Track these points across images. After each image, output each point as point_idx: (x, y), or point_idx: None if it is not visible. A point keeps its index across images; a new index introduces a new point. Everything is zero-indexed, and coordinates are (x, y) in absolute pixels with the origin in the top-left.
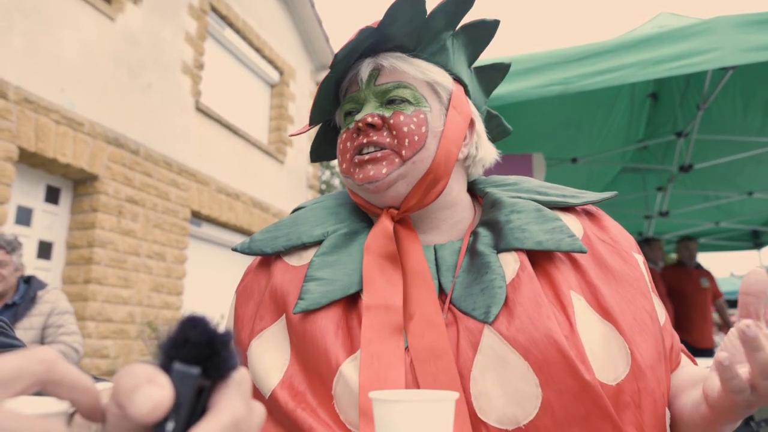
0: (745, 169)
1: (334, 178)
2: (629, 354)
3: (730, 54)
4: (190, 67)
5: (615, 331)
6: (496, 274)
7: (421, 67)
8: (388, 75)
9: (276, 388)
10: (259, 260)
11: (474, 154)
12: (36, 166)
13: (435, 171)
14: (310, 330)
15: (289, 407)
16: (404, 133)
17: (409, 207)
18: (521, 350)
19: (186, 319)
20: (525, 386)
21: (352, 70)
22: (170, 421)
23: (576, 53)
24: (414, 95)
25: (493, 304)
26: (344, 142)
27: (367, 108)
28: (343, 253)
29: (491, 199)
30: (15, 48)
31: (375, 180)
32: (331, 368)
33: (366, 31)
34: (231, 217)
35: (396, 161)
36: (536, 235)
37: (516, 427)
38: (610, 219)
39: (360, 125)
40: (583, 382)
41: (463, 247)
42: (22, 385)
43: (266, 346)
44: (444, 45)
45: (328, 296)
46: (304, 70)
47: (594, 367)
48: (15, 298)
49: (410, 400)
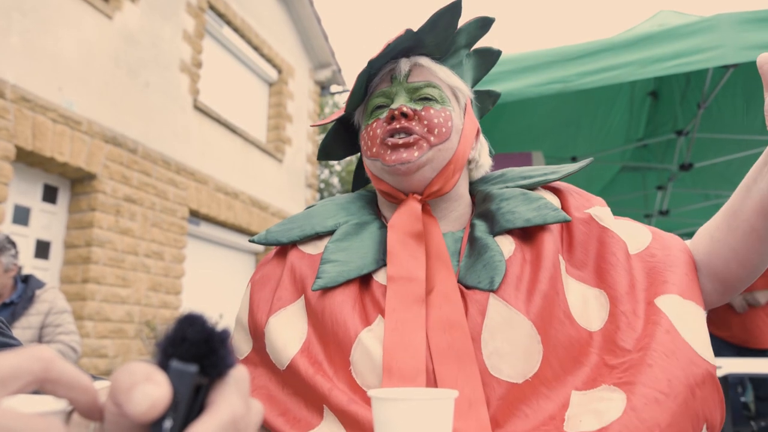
0: (745, 168)
1: (333, 177)
2: (606, 298)
3: (731, 52)
4: (189, 65)
5: (589, 287)
6: (495, 251)
7: (446, 72)
8: (420, 74)
9: (296, 356)
10: (274, 252)
11: (477, 159)
12: (33, 165)
13: (455, 162)
14: (329, 305)
15: (309, 373)
16: (434, 124)
17: (431, 192)
18: (524, 312)
19: (184, 317)
20: (530, 343)
21: (386, 67)
22: (168, 419)
23: (576, 51)
24: (441, 95)
25: (496, 275)
26: (375, 129)
27: (398, 100)
28: (355, 239)
29: (483, 194)
30: (13, 47)
31: (407, 162)
32: (349, 337)
33: (410, 33)
34: (229, 216)
35: (425, 146)
36: (524, 214)
37: (524, 379)
38: (571, 191)
39: (395, 113)
40: (569, 334)
41: (465, 236)
42: (19, 383)
43: (284, 322)
44: (461, 61)
45: (344, 275)
46: (303, 68)
47: (579, 320)
48: (13, 297)
49: (410, 398)
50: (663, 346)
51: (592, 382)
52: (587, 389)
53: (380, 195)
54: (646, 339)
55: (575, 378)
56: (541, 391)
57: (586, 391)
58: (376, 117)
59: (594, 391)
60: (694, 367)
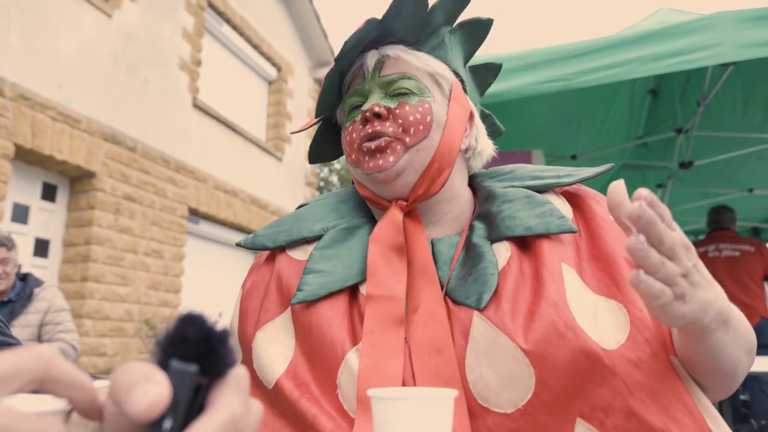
0: (745, 166)
1: (333, 176)
2: (626, 314)
3: (731, 50)
4: (188, 63)
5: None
6: (488, 262)
7: (423, 59)
8: (393, 66)
9: (281, 377)
10: (265, 256)
11: (474, 146)
12: (32, 164)
13: (439, 160)
14: (316, 320)
15: (294, 396)
16: (410, 123)
17: (417, 197)
18: (512, 332)
19: (183, 316)
20: (516, 367)
21: (356, 63)
22: (168, 418)
23: (575, 49)
24: (418, 86)
25: (485, 291)
26: (350, 133)
27: (372, 99)
28: (341, 247)
29: (485, 192)
30: (11, 44)
31: (384, 169)
32: (336, 357)
33: (373, 22)
34: (229, 215)
35: (398, 149)
36: (526, 221)
37: (515, 408)
38: (592, 195)
39: (367, 115)
40: (573, 351)
41: (461, 241)
42: (19, 382)
43: (271, 338)
44: (443, 40)
45: (326, 287)
46: (303, 66)
47: (590, 333)
48: (11, 295)
49: (410, 398)
50: None
51: (601, 415)
52: (594, 425)
53: (365, 201)
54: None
55: (582, 401)
56: (540, 420)
57: (593, 428)
58: (352, 119)
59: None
60: None
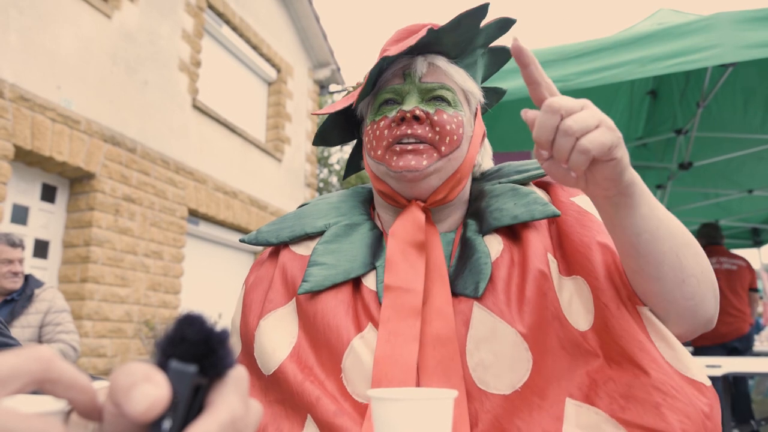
0: (745, 167)
1: (332, 176)
2: (587, 285)
3: (730, 51)
4: (187, 64)
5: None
6: (481, 252)
7: (461, 75)
8: (435, 74)
9: (285, 360)
10: (268, 253)
11: (480, 162)
12: (32, 165)
13: (462, 171)
14: (321, 309)
15: (298, 379)
16: (447, 131)
17: (435, 201)
18: (510, 319)
19: (183, 317)
20: (516, 352)
21: (398, 63)
22: (167, 419)
23: (575, 50)
24: (454, 99)
25: (480, 280)
26: (382, 129)
27: (410, 101)
28: (344, 241)
29: (475, 192)
30: (11, 45)
31: (415, 170)
32: (342, 343)
33: (432, 32)
34: (228, 216)
35: (434, 155)
36: (512, 210)
37: (513, 390)
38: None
39: (407, 115)
40: (560, 338)
41: (457, 238)
42: (19, 383)
43: (275, 325)
44: (476, 60)
45: (330, 279)
46: (302, 67)
47: (570, 321)
48: (15, 295)
49: (409, 398)
50: (664, 384)
51: (588, 391)
52: (583, 401)
53: (378, 195)
54: (641, 360)
55: (570, 383)
56: (533, 402)
57: (582, 404)
58: (383, 114)
59: (590, 410)
60: (699, 402)
